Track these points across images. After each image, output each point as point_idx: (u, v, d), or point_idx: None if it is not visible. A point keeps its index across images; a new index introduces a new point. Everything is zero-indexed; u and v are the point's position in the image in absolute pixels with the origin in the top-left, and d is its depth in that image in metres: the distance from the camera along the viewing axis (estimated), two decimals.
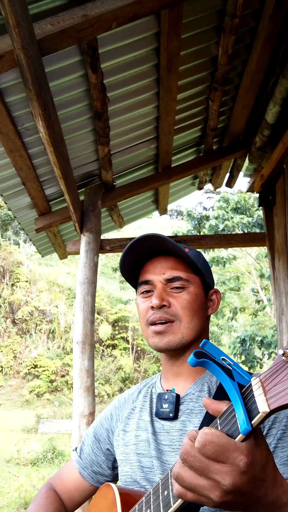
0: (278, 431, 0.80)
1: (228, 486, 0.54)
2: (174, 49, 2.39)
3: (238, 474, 0.54)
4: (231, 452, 0.54)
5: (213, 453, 0.54)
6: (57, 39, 1.84)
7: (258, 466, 0.55)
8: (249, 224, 9.62)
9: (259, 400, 0.55)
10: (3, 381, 13.57)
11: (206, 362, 0.61)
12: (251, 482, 0.55)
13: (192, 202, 34.77)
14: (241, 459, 0.53)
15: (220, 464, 0.54)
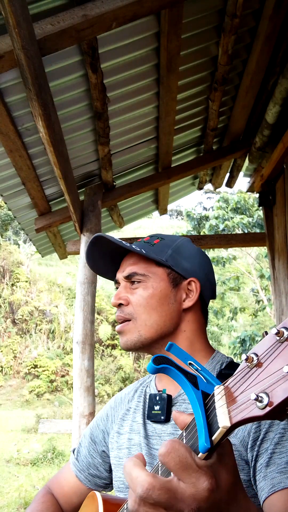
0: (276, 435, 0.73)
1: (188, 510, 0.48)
2: (174, 49, 2.39)
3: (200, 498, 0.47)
4: (193, 470, 0.47)
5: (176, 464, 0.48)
6: (57, 39, 1.84)
7: (222, 490, 0.49)
8: (249, 224, 9.62)
9: (220, 412, 0.48)
10: (3, 381, 13.57)
11: (167, 368, 0.54)
12: (214, 508, 0.48)
13: (192, 202, 34.78)
14: (203, 481, 0.47)
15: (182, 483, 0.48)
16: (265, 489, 0.69)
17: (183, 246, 0.95)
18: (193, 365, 0.57)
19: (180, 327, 0.90)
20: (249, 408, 0.44)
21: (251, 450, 0.73)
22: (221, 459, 0.50)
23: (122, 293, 0.92)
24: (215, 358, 0.90)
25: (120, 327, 0.91)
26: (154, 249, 0.92)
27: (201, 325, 0.94)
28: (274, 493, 0.67)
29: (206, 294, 0.95)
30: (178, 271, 0.91)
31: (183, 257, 0.93)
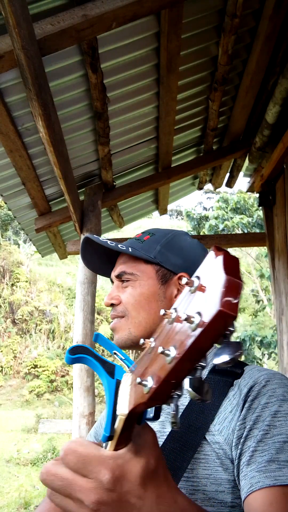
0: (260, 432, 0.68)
1: (92, 505, 0.45)
2: (174, 49, 2.39)
3: (103, 491, 0.45)
4: (95, 465, 0.46)
5: (75, 464, 0.46)
6: (57, 39, 1.84)
7: (132, 483, 0.46)
8: (249, 224, 9.63)
9: (123, 399, 0.47)
10: (3, 381, 13.58)
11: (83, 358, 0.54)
12: (123, 500, 0.46)
13: (192, 202, 34.77)
14: (104, 473, 0.45)
15: (83, 479, 0.46)
16: (244, 489, 0.65)
17: (174, 240, 0.92)
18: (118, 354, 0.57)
19: None
20: (138, 393, 0.43)
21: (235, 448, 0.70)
22: (137, 449, 0.48)
23: (114, 293, 0.92)
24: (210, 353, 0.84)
25: (113, 324, 0.91)
26: (143, 246, 0.91)
27: None
28: (251, 493, 0.63)
29: None
30: (167, 267, 0.89)
31: (173, 252, 0.90)
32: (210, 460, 0.71)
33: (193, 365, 0.38)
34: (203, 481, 0.71)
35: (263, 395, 0.71)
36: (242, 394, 0.73)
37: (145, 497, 0.48)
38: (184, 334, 0.37)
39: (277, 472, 0.63)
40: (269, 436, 0.67)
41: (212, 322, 0.34)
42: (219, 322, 0.34)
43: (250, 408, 0.71)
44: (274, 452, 0.65)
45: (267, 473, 0.64)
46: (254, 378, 0.74)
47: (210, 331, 0.35)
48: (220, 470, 0.70)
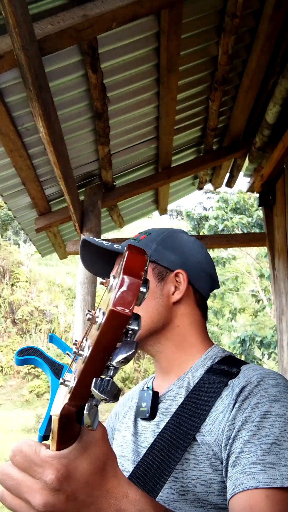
0: (248, 433, 0.66)
1: (39, 507, 0.45)
2: (174, 49, 2.39)
3: (47, 491, 0.45)
4: (39, 465, 0.46)
5: (22, 464, 0.47)
6: (57, 39, 1.84)
7: (78, 481, 0.46)
8: (249, 224, 9.63)
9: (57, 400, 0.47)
10: (3, 381, 13.58)
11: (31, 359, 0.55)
12: (70, 500, 0.46)
13: (192, 202, 34.79)
14: (48, 473, 0.45)
15: (31, 479, 0.46)
16: (228, 491, 0.64)
17: (170, 238, 0.91)
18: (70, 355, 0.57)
19: (173, 322, 0.86)
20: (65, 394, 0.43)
21: (224, 449, 0.68)
22: (84, 448, 0.48)
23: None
24: (209, 353, 0.85)
25: None
26: (140, 245, 0.89)
27: (196, 319, 0.89)
28: (234, 495, 0.62)
29: (201, 286, 0.90)
30: (164, 264, 0.87)
31: (169, 249, 0.89)
32: (200, 461, 0.70)
33: (103, 364, 0.38)
34: (192, 482, 0.70)
35: (254, 395, 0.69)
36: (234, 394, 0.71)
37: (94, 494, 0.48)
38: (93, 334, 0.38)
39: (261, 474, 0.61)
40: (257, 438, 0.65)
41: (107, 322, 0.35)
42: (112, 321, 0.34)
43: (240, 409, 0.69)
44: (260, 454, 0.63)
45: (250, 475, 0.62)
46: (247, 378, 0.73)
47: (107, 330, 0.35)
48: (210, 471, 0.69)
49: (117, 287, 0.34)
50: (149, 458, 0.74)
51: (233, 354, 0.87)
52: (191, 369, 0.83)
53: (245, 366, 0.78)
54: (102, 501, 0.48)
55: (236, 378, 0.74)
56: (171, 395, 0.83)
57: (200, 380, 0.79)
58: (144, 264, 0.36)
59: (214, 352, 0.85)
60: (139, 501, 0.51)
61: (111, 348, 0.37)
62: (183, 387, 0.81)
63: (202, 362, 0.83)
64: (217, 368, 0.80)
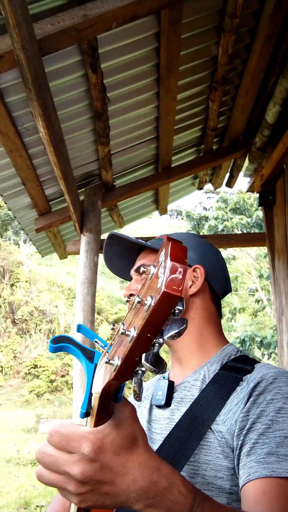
0: (262, 426, 0.71)
1: (78, 476, 0.50)
2: (174, 49, 2.39)
3: (85, 462, 0.51)
4: (76, 440, 0.51)
5: (59, 443, 0.52)
6: (57, 39, 1.84)
7: (112, 452, 0.52)
8: (248, 225, 9.63)
9: (98, 379, 0.52)
10: (3, 381, 13.58)
11: (65, 346, 0.60)
12: (105, 470, 0.51)
13: (192, 202, 34.78)
14: (85, 446, 0.51)
15: (68, 455, 0.52)
16: (242, 478, 0.69)
17: (189, 239, 1.00)
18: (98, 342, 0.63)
19: (189, 314, 0.92)
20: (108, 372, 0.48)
21: (237, 438, 0.73)
22: (115, 425, 0.53)
23: (132, 285, 0.97)
24: (224, 350, 0.91)
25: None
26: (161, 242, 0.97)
27: (211, 315, 0.95)
28: (248, 481, 0.67)
29: (216, 285, 0.97)
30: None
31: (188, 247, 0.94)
32: (212, 447, 0.76)
33: (150, 342, 0.43)
34: (203, 466, 0.75)
35: (269, 391, 0.75)
36: (248, 388, 0.77)
37: (127, 466, 0.53)
38: (141, 315, 0.42)
39: (275, 464, 0.66)
40: (271, 431, 0.70)
41: (159, 302, 0.39)
42: (165, 302, 0.39)
43: (255, 402, 0.74)
44: (274, 446, 0.68)
45: (265, 465, 0.67)
46: (262, 374, 0.78)
47: (158, 310, 0.40)
48: (221, 457, 0.74)
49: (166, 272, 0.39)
50: (166, 447, 0.79)
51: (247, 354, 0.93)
52: (206, 364, 0.89)
53: (259, 364, 0.84)
54: (135, 472, 0.53)
55: (251, 374, 0.80)
56: (186, 386, 0.89)
57: (216, 375, 0.85)
58: (186, 252, 0.41)
59: (229, 350, 0.92)
60: (171, 475, 0.55)
61: (159, 327, 0.42)
62: (199, 379, 0.87)
63: (218, 358, 0.89)
64: (232, 365, 0.86)
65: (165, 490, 0.54)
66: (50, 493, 6.64)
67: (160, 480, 0.54)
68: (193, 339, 0.92)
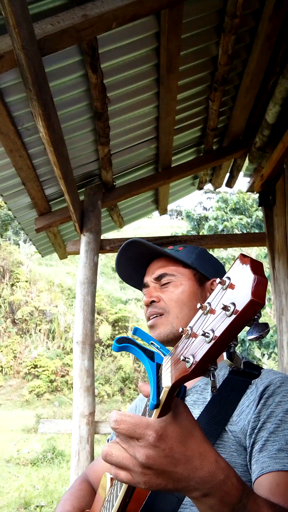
0: (272, 425, 0.79)
1: (142, 460, 0.55)
2: (174, 49, 2.39)
3: (149, 447, 0.56)
4: (142, 428, 0.56)
5: (126, 431, 0.57)
6: (57, 39, 1.84)
7: (174, 440, 0.57)
8: (248, 225, 9.62)
9: (165, 376, 0.58)
10: (3, 381, 13.57)
11: (128, 346, 0.65)
12: (168, 456, 0.56)
13: (192, 202, 34.75)
14: (150, 434, 0.56)
15: (135, 441, 0.57)
16: (255, 472, 0.76)
17: (204, 253, 1.09)
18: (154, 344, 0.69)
19: None
20: (182, 368, 0.53)
21: (249, 437, 0.80)
22: (175, 417, 0.58)
23: (153, 292, 1.04)
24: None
25: (153, 321, 1.01)
26: (180, 254, 1.06)
27: None
28: (262, 475, 0.74)
29: None
30: (203, 272, 1.04)
31: (205, 261, 1.06)
32: (226, 446, 0.82)
33: (228, 343, 0.49)
34: None
35: (278, 394, 0.83)
36: (258, 391, 0.84)
37: (188, 454, 0.57)
38: (220, 320, 0.47)
39: (285, 460, 0.74)
40: (281, 430, 0.78)
41: (246, 309, 0.44)
42: (250, 308, 0.45)
43: (265, 404, 0.82)
44: (284, 443, 0.76)
45: (276, 460, 0.75)
46: (270, 379, 0.86)
47: (243, 316, 0.45)
48: (235, 455, 0.81)
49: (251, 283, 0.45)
50: None
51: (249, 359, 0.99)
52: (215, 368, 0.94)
53: (265, 370, 0.91)
54: (195, 461, 0.57)
55: (259, 379, 0.88)
56: (198, 389, 0.95)
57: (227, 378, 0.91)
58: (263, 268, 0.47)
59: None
60: (226, 468, 0.59)
61: (240, 330, 0.47)
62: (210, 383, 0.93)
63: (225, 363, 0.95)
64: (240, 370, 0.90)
65: (222, 481, 0.58)
66: (50, 493, 6.64)
67: (217, 472, 0.58)
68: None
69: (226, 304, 0.46)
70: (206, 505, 0.59)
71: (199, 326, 0.52)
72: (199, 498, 0.58)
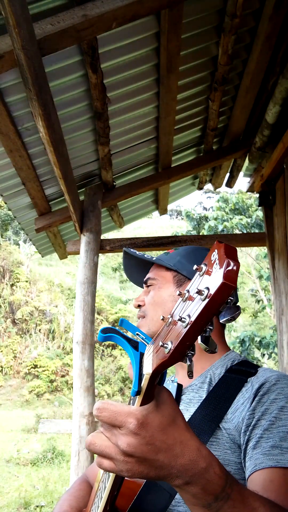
0: (266, 422, 0.79)
1: (124, 447, 0.56)
2: (174, 49, 2.39)
3: (131, 435, 0.56)
4: (123, 416, 0.57)
5: (108, 419, 0.57)
6: (57, 39, 1.84)
7: (155, 428, 0.57)
8: (248, 225, 9.61)
9: (147, 363, 0.59)
10: (3, 381, 13.57)
11: (113, 336, 0.66)
12: (149, 444, 0.56)
13: (192, 202, 34.77)
14: (131, 421, 0.56)
15: (117, 429, 0.57)
16: (249, 469, 0.76)
17: (193, 253, 1.07)
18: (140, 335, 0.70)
19: None
20: (161, 355, 0.54)
21: (244, 435, 0.80)
22: (158, 405, 0.59)
23: (141, 296, 1.09)
24: (228, 355, 0.99)
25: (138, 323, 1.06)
26: (167, 257, 1.08)
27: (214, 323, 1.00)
28: (255, 471, 0.74)
29: None
30: (183, 273, 1.03)
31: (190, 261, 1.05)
32: (221, 443, 0.82)
33: (203, 327, 0.49)
34: None
35: (273, 392, 0.82)
36: (253, 389, 0.84)
37: (169, 442, 0.58)
38: (196, 305, 0.48)
39: (279, 456, 0.74)
40: (275, 427, 0.77)
41: (217, 292, 0.45)
42: (222, 291, 0.45)
43: (259, 402, 0.81)
44: (278, 440, 0.76)
45: (270, 456, 0.74)
46: (266, 377, 0.85)
47: (216, 299, 0.46)
48: (229, 452, 0.81)
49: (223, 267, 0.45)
50: None
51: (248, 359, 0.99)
52: (211, 367, 0.97)
53: (261, 368, 0.91)
54: (176, 449, 0.58)
55: (255, 377, 0.88)
56: (194, 388, 0.96)
57: (223, 377, 0.92)
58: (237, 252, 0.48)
59: (233, 355, 0.99)
60: (208, 456, 0.60)
61: (215, 313, 0.48)
62: (206, 382, 0.94)
63: (221, 362, 0.97)
64: (236, 368, 0.93)
65: (203, 469, 0.58)
66: (50, 493, 6.64)
67: (199, 460, 0.58)
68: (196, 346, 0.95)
69: (200, 288, 0.47)
70: (189, 493, 0.59)
71: (177, 313, 0.52)
72: (182, 486, 0.59)
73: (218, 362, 0.97)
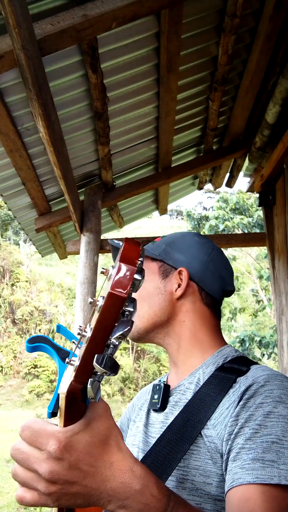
0: (250, 430, 0.67)
1: (45, 474, 0.50)
2: (174, 49, 2.39)
3: (51, 460, 0.50)
4: (44, 437, 0.51)
5: (29, 438, 0.52)
6: (57, 39, 1.84)
7: (80, 451, 0.51)
8: (249, 225, 9.62)
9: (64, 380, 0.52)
10: (3, 381, 13.58)
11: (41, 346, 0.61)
12: (73, 468, 0.51)
13: (192, 202, 34.79)
14: (52, 444, 0.50)
15: (38, 451, 0.51)
16: (227, 484, 0.66)
17: (179, 240, 0.97)
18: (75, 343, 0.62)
19: (179, 317, 0.91)
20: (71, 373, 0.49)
21: (226, 444, 0.70)
22: (86, 425, 0.52)
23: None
24: (221, 351, 0.88)
25: None
26: (153, 246, 0.98)
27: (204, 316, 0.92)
28: (232, 488, 0.64)
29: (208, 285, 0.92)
30: (169, 263, 0.94)
31: (176, 250, 0.95)
32: (201, 453, 0.73)
33: (103, 343, 0.43)
34: (192, 472, 0.73)
35: (260, 394, 0.70)
36: (240, 391, 0.73)
37: (97, 465, 0.52)
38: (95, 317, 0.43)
39: (259, 470, 0.62)
40: (258, 436, 0.66)
41: (106, 303, 0.39)
42: (111, 302, 0.39)
43: (244, 406, 0.70)
44: (261, 451, 0.64)
45: (249, 471, 0.63)
46: (255, 377, 0.74)
47: (106, 310, 0.40)
48: (210, 463, 0.71)
49: (114, 273, 0.39)
50: (157, 449, 0.78)
51: (245, 355, 0.88)
52: (202, 366, 0.86)
53: (254, 366, 0.80)
54: (106, 472, 0.52)
55: (244, 376, 0.76)
56: (181, 389, 0.86)
57: (211, 376, 0.81)
58: (139, 254, 0.40)
59: (227, 351, 0.88)
60: (144, 477, 0.54)
61: (110, 327, 0.41)
62: (193, 382, 0.84)
63: (213, 359, 0.86)
64: (228, 366, 0.82)
65: (137, 492, 0.53)
66: None
67: (132, 482, 0.53)
68: (186, 341, 0.90)
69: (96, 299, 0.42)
70: None
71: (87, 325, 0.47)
72: (116, 511, 0.53)
73: (210, 359, 0.86)
